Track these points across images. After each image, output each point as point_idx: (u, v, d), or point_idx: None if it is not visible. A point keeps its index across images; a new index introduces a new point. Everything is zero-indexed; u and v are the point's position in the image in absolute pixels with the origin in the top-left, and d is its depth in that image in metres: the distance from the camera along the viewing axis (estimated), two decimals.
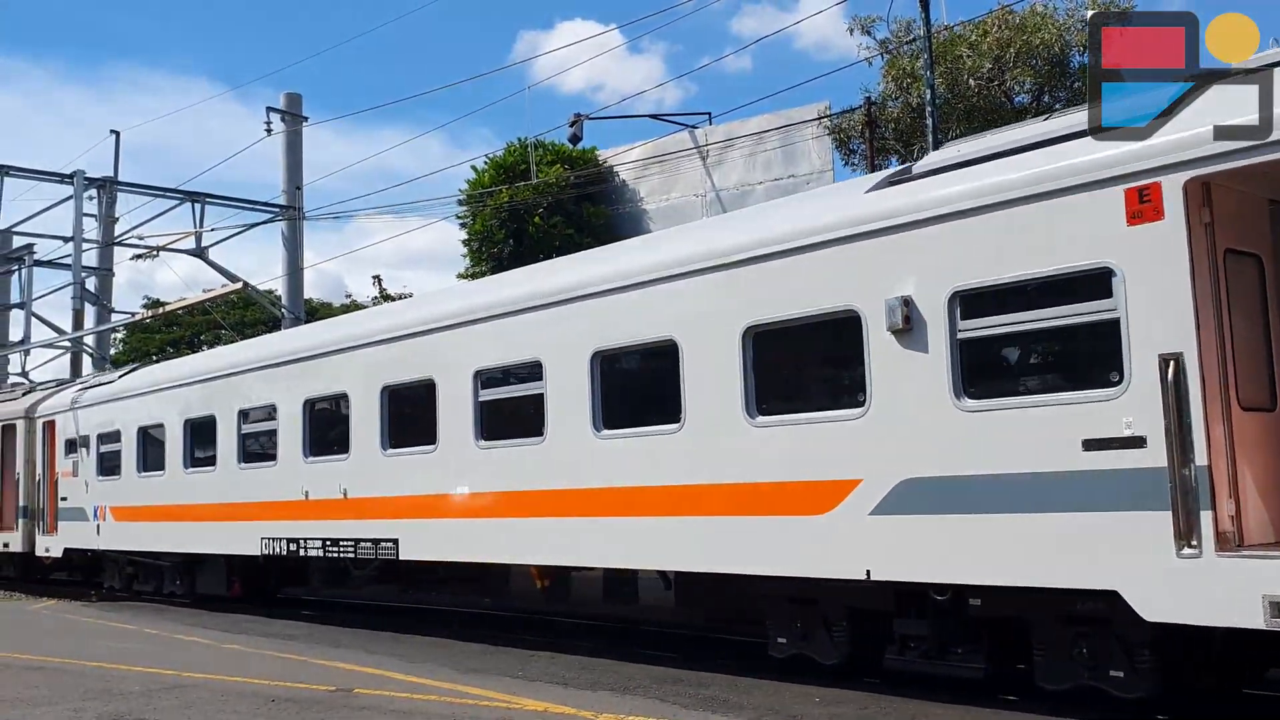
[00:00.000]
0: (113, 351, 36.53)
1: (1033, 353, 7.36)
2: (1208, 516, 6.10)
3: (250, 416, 14.68)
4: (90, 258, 30.24)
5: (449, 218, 38.29)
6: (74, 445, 19.33)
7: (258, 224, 29.52)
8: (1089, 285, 6.65)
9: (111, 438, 18.07)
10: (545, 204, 25.39)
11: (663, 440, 9.16)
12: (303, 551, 13.32)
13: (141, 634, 13.90)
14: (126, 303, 41.69)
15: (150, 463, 17.00)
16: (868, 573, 7.66)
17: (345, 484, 12.58)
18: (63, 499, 19.73)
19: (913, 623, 7.91)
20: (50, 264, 33.76)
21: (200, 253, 28.76)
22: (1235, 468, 6.33)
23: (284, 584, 16.75)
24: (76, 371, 30.29)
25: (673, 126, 27.10)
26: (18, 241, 34.65)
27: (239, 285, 26.21)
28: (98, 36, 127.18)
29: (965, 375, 7.24)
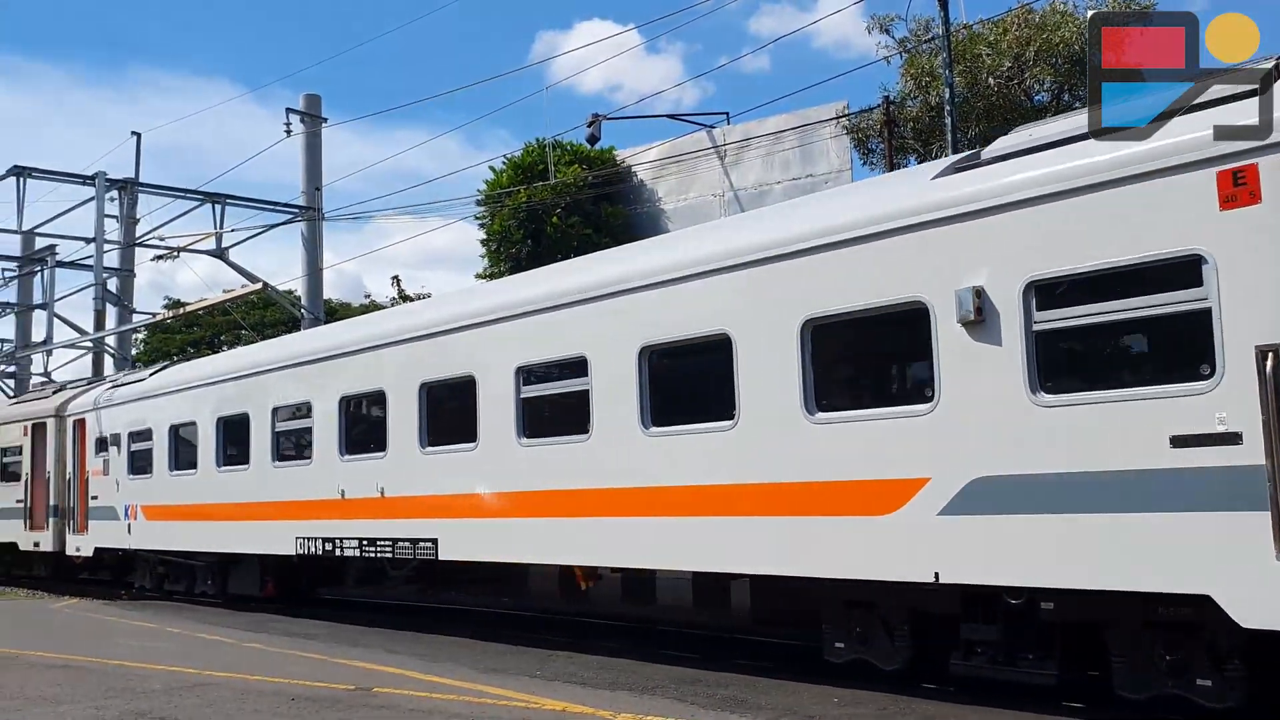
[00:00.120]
0: (134, 352, 36.75)
1: (1115, 345, 7.04)
2: None
3: (284, 414, 14.47)
4: (112, 259, 30.34)
5: (467, 218, 38.39)
6: (104, 444, 19.18)
7: (277, 225, 29.66)
8: (1177, 273, 6.32)
9: (142, 436, 17.92)
10: (563, 204, 25.35)
11: (715, 438, 8.86)
12: (339, 551, 13.10)
13: (163, 633, 13.91)
14: (148, 303, 41.98)
15: (182, 461, 16.83)
16: (936, 575, 7.35)
17: (382, 483, 12.34)
18: (93, 498, 19.59)
19: (981, 627, 7.58)
20: (72, 265, 34.30)
21: (220, 253, 28.91)
22: None
23: (318, 584, 16.53)
24: (98, 371, 30.36)
25: (690, 126, 27.15)
26: (40, 243, 35.19)
27: (259, 286, 26.47)
28: (119, 39, 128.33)
29: (1041, 369, 6.91)
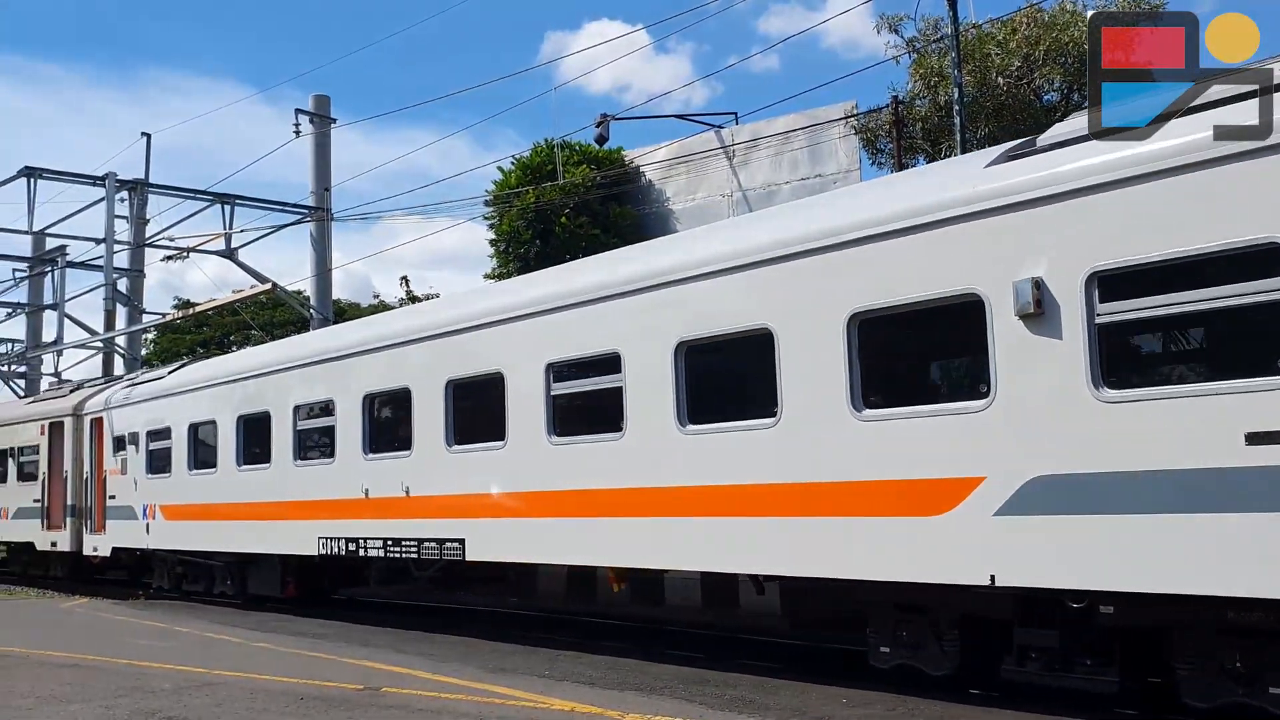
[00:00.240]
0: (144, 352, 36.74)
1: (1184, 338, 6.77)
2: None
3: (306, 412, 14.25)
4: (122, 259, 30.51)
5: (476, 218, 38.26)
6: (122, 442, 18.99)
7: (286, 225, 29.66)
8: (1253, 262, 6.01)
9: (161, 435, 17.72)
10: (572, 204, 25.29)
11: (756, 435, 8.59)
12: (363, 551, 12.87)
13: (173, 632, 13.86)
14: (157, 303, 42.11)
15: (201, 460, 16.63)
16: (992, 578, 7.06)
17: (408, 482, 12.10)
18: (111, 497, 19.41)
19: (1038, 632, 7.30)
20: (82, 265, 34.36)
21: (230, 254, 28.98)
22: None
23: (339, 584, 16.30)
24: (108, 371, 30.39)
25: (699, 126, 27.03)
26: (50, 243, 35.33)
27: (268, 286, 26.47)
28: (129, 41, 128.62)
29: (1105, 363, 6.61)
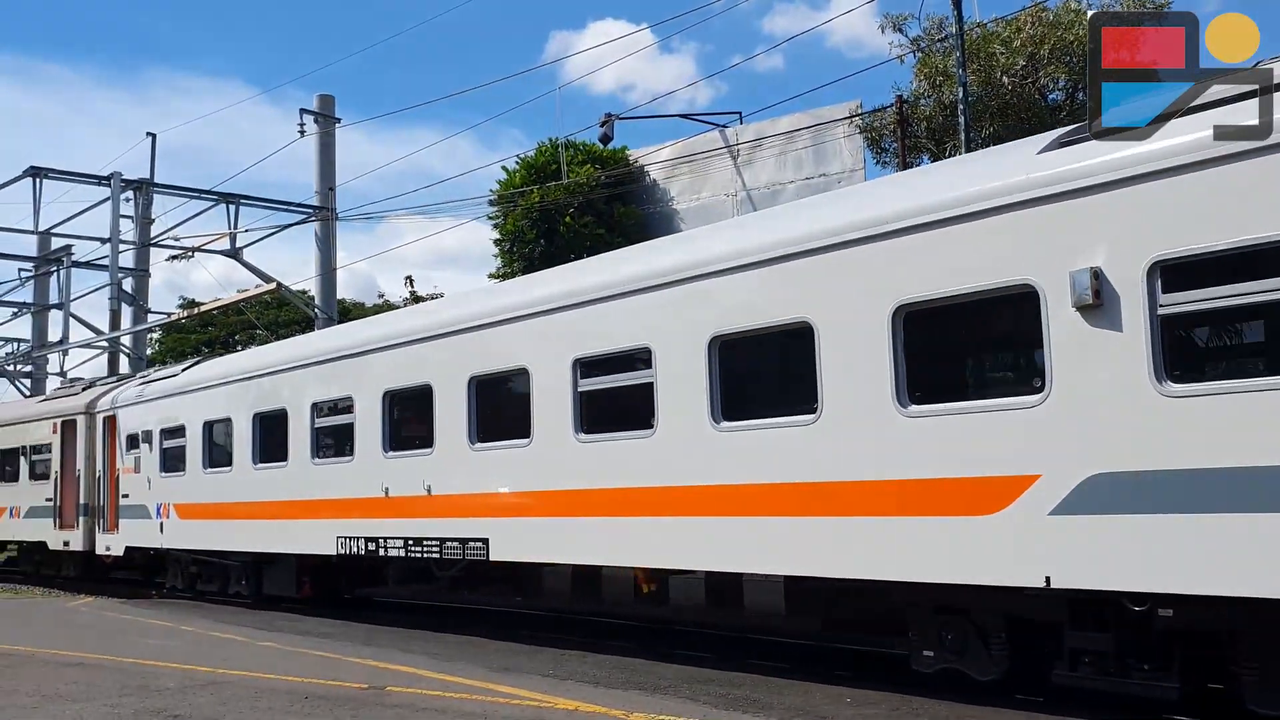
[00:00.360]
0: (149, 352, 36.70)
1: (1254, 329, 6.47)
2: None
3: (324, 410, 14.01)
4: (127, 259, 30.42)
5: (480, 218, 38.21)
6: (136, 441, 18.79)
7: (291, 225, 29.65)
8: None
9: (175, 433, 17.50)
10: (576, 204, 25.25)
11: (795, 432, 8.34)
12: (382, 551, 12.63)
13: (178, 631, 13.78)
14: (162, 303, 42.41)
15: (216, 458, 16.41)
16: (1047, 580, 6.80)
17: (430, 480, 11.86)
18: (124, 496, 19.20)
19: (1093, 635, 7.03)
20: (88, 265, 34.48)
21: (235, 253, 28.98)
22: None
23: (356, 585, 16.06)
24: (113, 371, 30.39)
25: (703, 126, 27.03)
26: (56, 243, 35.55)
27: (273, 286, 26.56)
28: (134, 41, 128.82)
29: (1168, 356, 6.35)
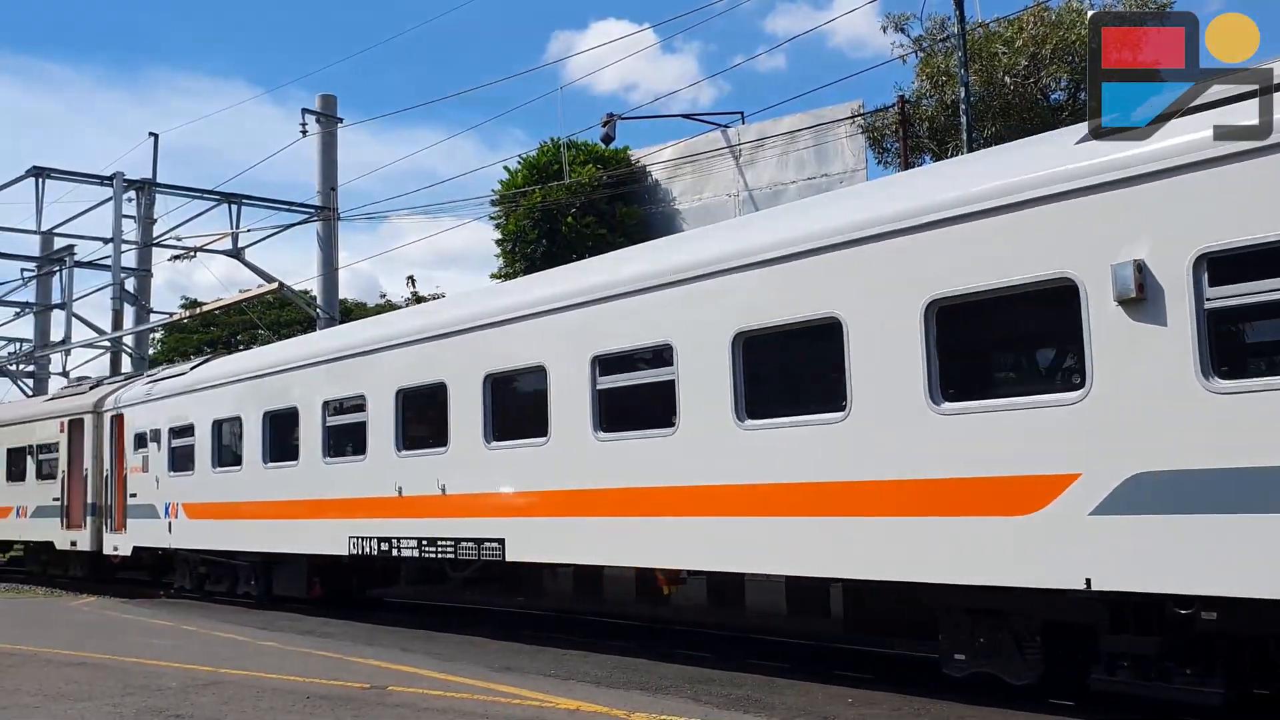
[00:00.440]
0: (151, 351, 36.64)
1: None
2: None
3: (336, 408, 13.83)
4: (129, 259, 30.39)
5: (482, 218, 38.24)
6: (144, 440, 18.62)
7: (293, 225, 29.64)
8: None
9: (184, 431, 17.33)
10: (578, 204, 25.20)
11: (823, 431, 8.14)
12: (396, 552, 12.45)
13: (181, 631, 13.71)
14: (165, 303, 42.17)
15: (226, 458, 16.25)
16: (1088, 582, 6.60)
17: (444, 479, 11.68)
18: (132, 495, 19.04)
19: (1134, 639, 6.84)
20: (90, 265, 34.47)
21: (237, 253, 28.97)
22: None
23: (368, 585, 15.89)
24: (115, 371, 30.37)
25: (705, 126, 26.91)
26: (59, 243, 35.59)
27: (275, 285, 26.55)
28: (137, 41, 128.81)
29: (1215, 351, 6.15)
